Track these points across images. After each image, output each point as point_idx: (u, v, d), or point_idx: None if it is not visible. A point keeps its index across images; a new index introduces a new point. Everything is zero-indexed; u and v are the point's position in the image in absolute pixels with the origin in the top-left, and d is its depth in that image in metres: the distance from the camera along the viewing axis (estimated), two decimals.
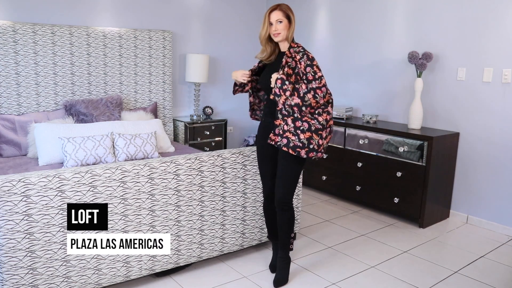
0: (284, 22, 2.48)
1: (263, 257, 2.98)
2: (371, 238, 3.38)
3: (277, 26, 2.47)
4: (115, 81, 4.13)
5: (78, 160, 3.17)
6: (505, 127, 3.44)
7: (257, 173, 2.86)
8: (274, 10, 2.49)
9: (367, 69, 4.41)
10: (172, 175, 2.49)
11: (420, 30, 3.92)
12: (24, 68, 3.64)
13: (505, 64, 3.39)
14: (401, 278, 2.76)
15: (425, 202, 3.53)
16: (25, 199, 2.07)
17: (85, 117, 3.70)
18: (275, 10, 2.49)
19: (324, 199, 4.27)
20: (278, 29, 2.47)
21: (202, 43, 4.90)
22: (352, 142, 4.06)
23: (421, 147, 3.52)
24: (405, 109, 4.08)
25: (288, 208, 2.54)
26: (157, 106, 4.36)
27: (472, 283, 2.72)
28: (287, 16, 2.49)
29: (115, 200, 2.32)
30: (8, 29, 3.53)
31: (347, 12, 4.55)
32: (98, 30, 3.99)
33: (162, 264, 2.55)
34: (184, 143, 4.55)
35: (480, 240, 3.38)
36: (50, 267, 2.18)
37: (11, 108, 3.63)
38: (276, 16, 2.47)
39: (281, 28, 2.47)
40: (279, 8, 2.49)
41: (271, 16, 2.48)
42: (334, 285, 2.65)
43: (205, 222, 2.68)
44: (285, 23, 2.48)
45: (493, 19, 3.44)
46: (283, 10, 2.49)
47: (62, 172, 2.17)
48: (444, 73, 3.78)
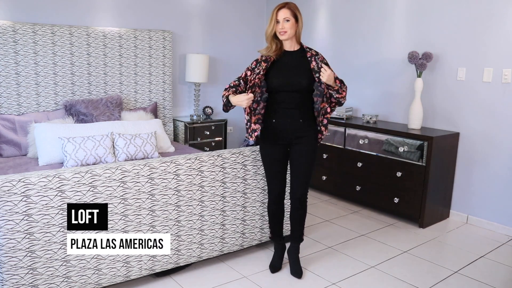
0: (291, 21, 2.47)
1: (263, 257, 2.98)
2: (371, 238, 3.38)
3: (284, 25, 2.47)
4: (115, 81, 4.13)
5: (78, 160, 3.17)
6: (505, 127, 3.44)
7: (257, 173, 2.85)
8: (282, 8, 2.48)
9: (367, 69, 4.41)
10: (172, 175, 2.49)
11: (420, 30, 3.92)
12: (24, 68, 3.64)
13: (505, 64, 3.39)
14: (401, 278, 2.76)
15: (425, 202, 3.53)
16: (25, 199, 2.07)
17: (85, 117, 3.70)
18: (283, 8, 2.47)
19: (324, 199, 4.27)
20: (285, 27, 2.47)
21: (202, 43, 4.90)
22: (352, 142, 4.06)
23: (421, 147, 3.52)
24: (405, 109, 4.08)
25: (305, 203, 2.69)
26: (157, 106, 4.36)
27: (472, 283, 2.72)
28: (294, 15, 2.49)
29: (115, 200, 2.32)
30: (8, 29, 3.53)
31: (347, 12, 4.55)
32: (98, 30, 3.99)
33: (162, 264, 2.55)
34: (184, 143, 4.55)
35: (480, 240, 3.38)
36: (50, 267, 2.18)
37: (11, 108, 3.63)
38: (284, 15, 2.46)
39: (288, 26, 2.47)
40: (287, 6, 2.48)
41: (279, 14, 2.47)
42: (334, 285, 2.65)
43: (205, 222, 2.68)
44: (292, 22, 2.48)
45: (493, 19, 3.44)
46: (291, 9, 2.48)
47: (62, 172, 2.17)
48: (444, 73, 3.78)
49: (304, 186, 2.63)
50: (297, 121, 2.55)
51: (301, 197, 2.65)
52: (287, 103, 2.54)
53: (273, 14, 2.49)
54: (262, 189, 2.91)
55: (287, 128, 2.56)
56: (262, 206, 2.94)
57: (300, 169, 2.60)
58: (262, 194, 2.92)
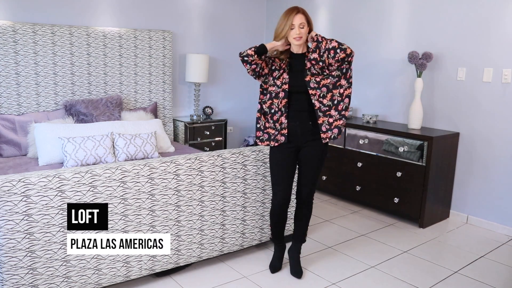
0: (305, 27, 2.46)
1: (263, 257, 2.98)
2: (371, 238, 3.38)
3: (300, 30, 2.44)
4: (115, 81, 4.13)
5: (78, 160, 3.17)
6: (505, 127, 3.44)
7: (257, 173, 2.85)
8: (298, 13, 2.43)
9: (367, 69, 4.41)
10: (172, 175, 2.49)
11: (420, 30, 3.92)
12: (24, 68, 3.64)
13: (505, 64, 3.39)
14: (401, 278, 2.76)
15: (425, 202, 3.53)
16: (25, 199, 2.07)
17: (85, 117, 3.70)
18: (299, 14, 2.43)
19: (324, 199, 4.27)
20: (301, 33, 2.45)
21: (202, 43, 4.90)
22: (352, 142, 4.06)
23: (421, 147, 3.52)
24: (405, 109, 4.08)
25: (311, 204, 2.72)
26: (157, 106, 4.36)
27: (472, 283, 2.72)
28: (307, 21, 2.48)
29: (115, 200, 2.32)
30: (8, 29, 3.53)
31: (347, 12, 4.55)
32: (98, 30, 3.99)
33: (162, 264, 2.55)
34: (184, 143, 4.55)
35: (480, 240, 3.38)
36: (50, 267, 2.18)
37: (11, 108, 3.63)
38: (300, 20, 2.44)
39: (303, 32, 2.45)
40: (302, 12, 2.45)
41: (295, 19, 2.43)
42: (334, 285, 2.65)
43: (205, 222, 2.68)
44: (306, 28, 2.47)
45: (493, 19, 3.44)
46: (305, 15, 2.47)
47: (62, 172, 2.17)
48: (444, 73, 3.78)
49: (311, 188, 2.64)
50: (306, 123, 2.55)
51: (308, 198, 2.66)
52: (296, 105, 2.54)
53: (287, 18, 2.43)
54: (262, 189, 2.91)
55: (297, 131, 2.55)
56: (262, 206, 2.94)
57: (308, 171, 2.61)
58: (262, 194, 2.92)
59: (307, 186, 2.63)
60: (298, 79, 2.53)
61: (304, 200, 2.66)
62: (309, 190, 2.64)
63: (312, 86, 2.51)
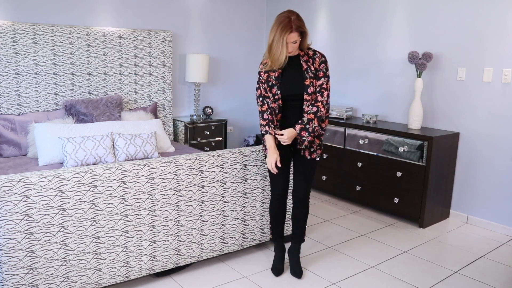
0: (298, 40, 2.46)
1: (263, 257, 2.98)
2: (371, 238, 3.38)
3: (293, 46, 2.46)
4: (115, 81, 4.13)
5: (78, 160, 3.17)
6: (505, 127, 3.44)
7: (257, 173, 2.86)
8: (290, 32, 2.40)
9: (367, 69, 4.41)
10: (172, 175, 2.49)
11: (420, 30, 3.92)
12: (24, 68, 3.64)
13: (505, 64, 3.39)
14: (401, 278, 2.76)
15: (425, 202, 3.53)
16: (25, 199, 2.07)
17: (85, 117, 3.70)
18: (292, 33, 2.40)
19: (324, 199, 4.27)
20: (295, 47, 2.48)
21: (202, 43, 4.91)
22: (352, 142, 4.06)
23: (421, 147, 3.52)
24: (405, 109, 4.08)
25: (308, 203, 2.73)
26: (157, 106, 4.36)
27: (472, 283, 2.72)
28: (301, 33, 2.46)
29: (115, 200, 2.32)
30: (8, 29, 3.53)
31: (347, 12, 4.55)
32: (98, 30, 3.99)
33: (162, 264, 2.55)
34: (184, 143, 4.55)
35: (480, 240, 3.38)
36: (50, 267, 2.19)
37: (11, 108, 3.63)
38: (293, 38, 2.42)
39: (295, 46, 2.48)
40: (295, 29, 2.40)
41: (289, 38, 2.41)
42: (334, 285, 2.65)
43: (205, 222, 2.68)
44: (299, 40, 2.47)
45: (493, 19, 3.44)
46: (298, 30, 2.42)
47: (62, 172, 2.17)
48: (444, 73, 3.78)
49: (306, 188, 2.66)
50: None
51: (304, 198, 2.68)
52: (289, 110, 2.58)
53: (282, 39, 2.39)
54: (262, 189, 2.91)
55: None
56: (262, 206, 2.94)
57: (302, 173, 2.64)
58: (262, 194, 2.92)
59: (302, 186, 2.64)
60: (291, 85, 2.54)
61: (300, 199, 2.68)
62: (304, 190, 2.65)
63: (310, 91, 2.52)
